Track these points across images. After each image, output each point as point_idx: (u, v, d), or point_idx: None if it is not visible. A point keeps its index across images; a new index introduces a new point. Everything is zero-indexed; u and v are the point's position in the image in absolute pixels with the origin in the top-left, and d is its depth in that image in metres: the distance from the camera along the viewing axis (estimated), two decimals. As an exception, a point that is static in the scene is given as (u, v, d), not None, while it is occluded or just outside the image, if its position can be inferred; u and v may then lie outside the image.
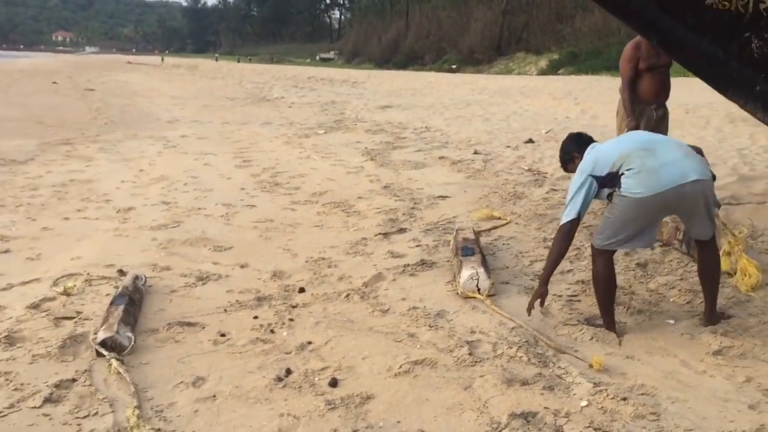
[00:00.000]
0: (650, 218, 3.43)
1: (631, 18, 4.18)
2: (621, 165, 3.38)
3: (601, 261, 3.61)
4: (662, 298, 4.06)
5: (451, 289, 4.32)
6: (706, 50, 4.05)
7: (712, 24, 3.85)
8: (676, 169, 3.30)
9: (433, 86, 24.59)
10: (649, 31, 4.19)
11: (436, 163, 9.03)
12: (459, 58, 43.12)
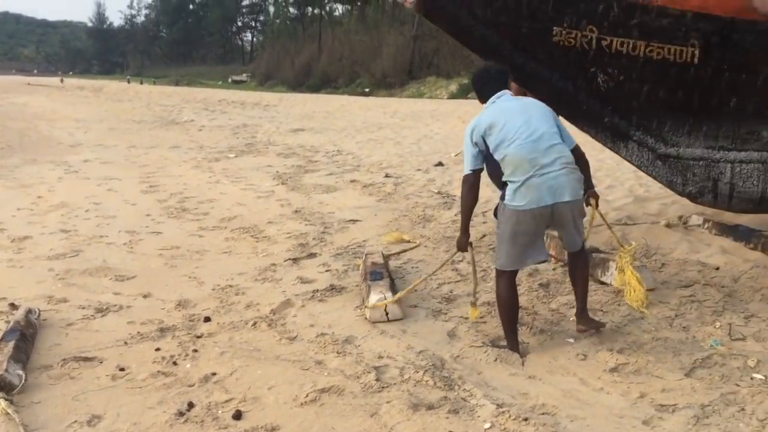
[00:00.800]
0: (532, 229, 3.59)
1: (488, 54, 4.39)
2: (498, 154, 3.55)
3: (503, 282, 3.71)
4: (563, 318, 4.18)
5: (359, 314, 4.32)
6: (556, 84, 4.32)
7: (560, 60, 4.10)
8: (554, 187, 3.47)
9: (346, 109, 24.73)
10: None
11: (348, 187, 9.06)
12: (372, 82, 43.58)
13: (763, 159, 4.56)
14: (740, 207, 4.82)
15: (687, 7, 4.08)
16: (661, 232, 5.94)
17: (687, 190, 4.69)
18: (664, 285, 4.70)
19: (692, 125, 4.52)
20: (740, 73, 4.31)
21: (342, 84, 47.44)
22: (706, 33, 4.15)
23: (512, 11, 4.15)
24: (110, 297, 4.64)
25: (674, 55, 4.20)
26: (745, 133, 4.52)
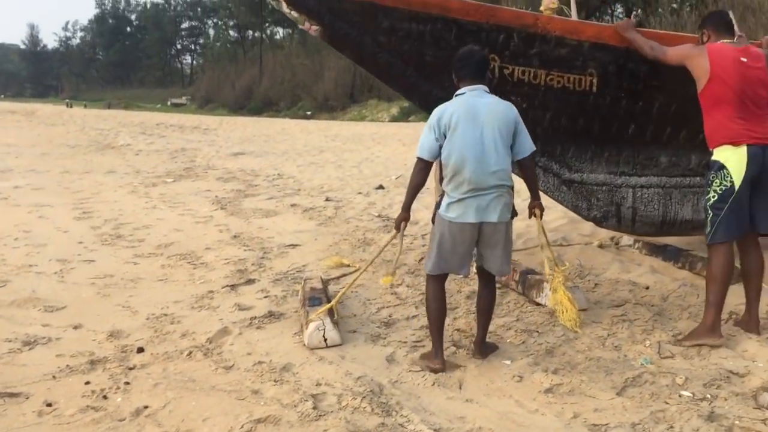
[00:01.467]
0: (458, 240, 3.69)
1: (394, 81, 4.46)
2: (445, 157, 3.63)
3: (430, 286, 3.85)
4: (500, 339, 4.23)
5: (298, 341, 4.28)
6: None
7: None
8: (483, 207, 3.62)
9: (287, 133, 24.67)
10: (412, 95, 4.50)
11: (288, 211, 9.01)
12: (314, 105, 43.68)
13: (663, 184, 4.77)
14: (643, 230, 5.03)
15: (584, 38, 4.20)
16: (594, 252, 6.09)
17: (592, 215, 4.83)
18: (597, 305, 4.82)
19: (594, 151, 4.68)
20: (637, 101, 4.48)
21: (284, 107, 47.37)
22: (603, 62, 4.30)
23: (416, 39, 4.18)
24: (38, 329, 4.48)
25: (574, 83, 4.33)
26: (645, 159, 4.72)
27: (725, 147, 3.84)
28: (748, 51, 3.95)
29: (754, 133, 3.81)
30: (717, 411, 3.19)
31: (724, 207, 3.83)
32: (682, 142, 4.66)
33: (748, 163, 3.77)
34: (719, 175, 3.84)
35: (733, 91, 3.82)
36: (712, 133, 3.93)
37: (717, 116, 3.88)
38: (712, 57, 3.86)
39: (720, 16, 4.20)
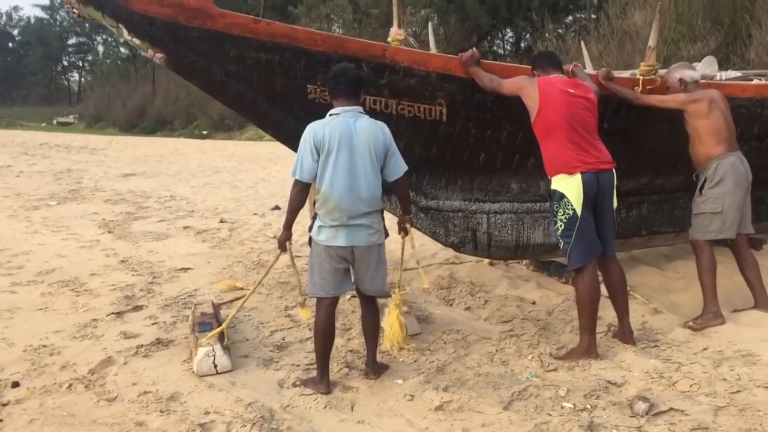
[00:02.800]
0: (333, 264, 3.74)
1: (246, 110, 4.43)
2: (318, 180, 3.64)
3: (320, 311, 3.82)
4: (392, 359, 4.26)
5: (187, 368, 4.16)
6: None
7: (317, 116, 4.05)
8: (352, 233, 3.69)
9: (181, 153, 24.06)
10: (265, 124, 4.48)
11: (180, 234, 8.76)
12: (209, 124, 42.70)
13: (515, 209, 4.93)
14: (499, 255, 5.17)
15: (431, 69, 4.27)
16: (484, 269, 6.26)
17: (450, 241, 4.91)
18: (487, 321, 4.96)
19: (448, 179, 4.77)
20: (486, 130, 4.58)
21: (178, 126, 46.11)
22: (451, 93, 4.37)
23: (265, 68, 4.13)
24: None
25: (424, 113, 4.39)
26: (497, 185, 4.86)
27: (561, 176, 4.02)
28: (577, 84, 4.16)
29: (587, 159, 4.00)
30: (596, 421, 3.34)
31: (573, 234, 4.01)
32: (530, 169, 4.79)
33: (584, 190, 3.96)
34: (561, 204, 4.02)
35: (563, 119, 3.98)
36: (549, 162, 4.09)
37: (551, 145, 4.05)
38: (542, 88, 4.03)
39: (547, 57, 4.50)
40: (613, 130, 4.62)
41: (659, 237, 5.73)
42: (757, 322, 4.48)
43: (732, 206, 4.51)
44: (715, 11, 16.94)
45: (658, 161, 5.28)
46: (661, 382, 3.71)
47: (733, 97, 5.03)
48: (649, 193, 5.49)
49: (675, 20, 17.05)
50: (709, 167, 4.55)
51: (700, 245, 4.60)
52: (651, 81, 4.74)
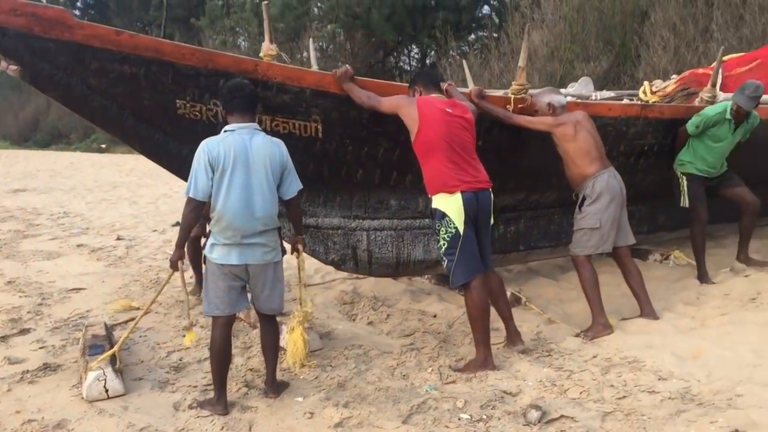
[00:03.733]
0: (228, 282, 3.67)
1: (111, 125, 4.24)
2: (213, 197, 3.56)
3: (216, 331, 3.74)
4: (293, 376, 4.21)
5: (76, 393, 3.97)
6: (188, 157, 4.11)
7: (188, 132, 4.04)
8: (247, 252, 3.64)
9: (77, 167, 23.09)
10: (132, 140, 4.31)
11: (73, 252, 8.39)
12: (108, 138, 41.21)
13: (395, 226, 4.97)
14: (380, 272, 5.16)
15: (305, 85, 4.23)
16: (387, 283, 6.29)
17: (330, 258, 4.89)
18: (389, 335, 4.99)
19: (327, 196, 4.75)
20: (363, 147, 4.58)
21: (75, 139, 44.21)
22: (326, 109, 4.34)
23: (130, 82, 3.96)
24: None
25: (299, 129, 4.35)
26: (376, 202, 4.88)
27: (442, 195, 4.07)
28: (455, 104, 4.23)
29: (466, 179, 4.08)
30: (492, 431, 3.41)
31: (456, 252, 4.08)
32: (408, 185, 4.82)
33: (464, 208, 4.05)
34: (443, 223, 4.08)
35: (443, 138, 4.03)
36: (429, 180, 4.14)
37: (431, 164, 4.10)
38: (421, 107, 4.07)
39: (428, 75, 4.57)
40: (488, 147, 4.68)
41: (536, 252, 5.88)
42: (642, 329, 4.70)
43: (608, 221, 4.68)
44: (607, 32, 17.78)
45: (533, 178, 5.42)
46: (554, 390, 3.83)
47: (600, 116, 5.23)
48: (526, 209, 5.63)
49: (570, 41, 17.82)
50: (586, 186, 4.70)
51: (581, 260, 4.76)
52: (522, 100, 4.86)
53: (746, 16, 15.15)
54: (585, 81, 6.80)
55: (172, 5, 30.06)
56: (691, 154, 5.66)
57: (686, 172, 5.69)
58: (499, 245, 5.49)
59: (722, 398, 3.56)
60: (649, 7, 17.22)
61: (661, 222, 6.49)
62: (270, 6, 4.47)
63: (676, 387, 3.75)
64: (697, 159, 5.63)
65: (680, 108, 5.99)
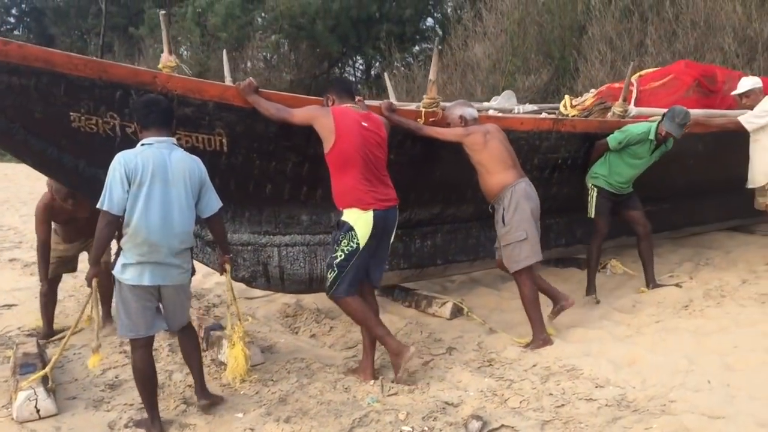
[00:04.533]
0: (141, 303, 3.56)
1: (1, 142, 4.06)
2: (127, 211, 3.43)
3: (136, 354, 3.64)
4: (234, 392, 4.15)
5: (6, 414, 3.83)
6: (84, 172, 4.11)
7: (83, 146, 3.91)
8: (161, 273, 3.53)
9: (10, 179, 22.30)
10: (23, 154, 4.13)
11: (5, 267, 8.09)
12: (45, 148, 40.12)
13: (307, 242, 4.87)
14: (293, 288, 5.03)
15: (207, 97, 4.11)
16: (331, 296, 6.26)
17: (240, 275, 4.74)
18: (332, 347, 4.96)
19: (235, 211, 4.62)
20: (270, 161, 4.46)
21: (10, 150, 42.88)
22: (230, 122, 4.23)
23: (20, 94, 3.76)
24: None
25: (203, 143, 4.22)
26: (286, 217, 4.78)
27: (355, 210, 4.04)
28: (369, 117, 4.19)
29: (379, 196, 4.08)
30: (433, 442, 3.42)
31: (348, 266, 4.06)
32: (319, 200, 4.73)
33: (373, 226, 4.03)
34: (348, 236, 4.04)
35: (358, 153, 4.00)
36: (341, 194, 4.09)
37: (345, 178, 4.05)
38: (338, 119, 4.01)
39: (343, 83, 4.51)
40: (400, 161, 4.66)
41: (454, 266, 5.84)
42: (581, 338, 4.80)
43: (533, 230, 4.68)
44: (547, 46, 18.20)
45: (448, 191, 5.37)
46: (494, 400, 3.87)
47: (513, 129, 5.24)
48: (442, 223, 5.59)
49: (511, 53, 18.17)
50: (504, 196, 4.67)
51: (522, 277, 4.71)
52: (433, 113, 4.84)
53: (679, 32, 15.70)
54: (508, 94, 6.85)
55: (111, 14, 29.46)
56: (607, 169, 5.70)
57: (597, 185, 5.74)
58: (415, 260, 5.49)
59: (656, 404, 3.65)
60: (586, 21, 17.68)
61: (579, 235, 6.52)
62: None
63: (612, 394, 3.83)
64: (612, 174, 5.69)
65: (593, 123, 6.08)
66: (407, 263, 5.46)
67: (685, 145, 5.99)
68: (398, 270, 5.40)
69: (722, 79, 7.25)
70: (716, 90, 7.17)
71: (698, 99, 6.96)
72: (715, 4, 15.31)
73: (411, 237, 5.42)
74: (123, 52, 25.78)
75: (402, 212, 4.82)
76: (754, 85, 6.19)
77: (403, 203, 4.43)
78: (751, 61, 14.48)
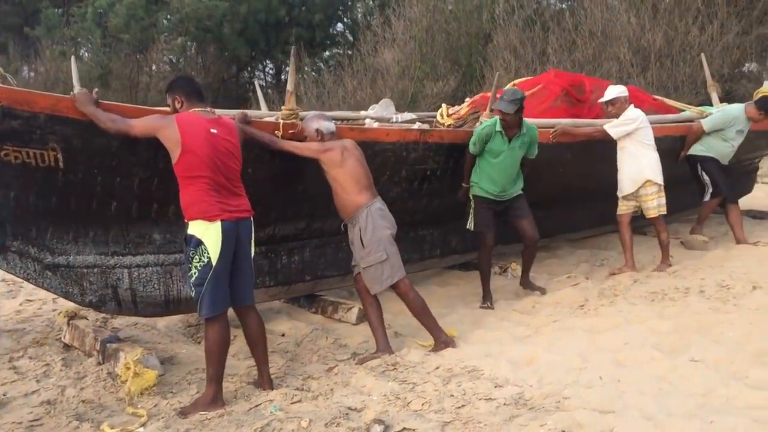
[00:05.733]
0: None
1: None
2: None
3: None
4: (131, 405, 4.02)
5: None
6: None
7: None
8: None
9: None
10: None
11: None
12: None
13: (161, 262, 4.64)
14: (149, 312, 4.80)
15: (38, 109, 3.83)
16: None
17: (87, 300, 4.48)
18: (234, 357, 4.87)
19: (77, 231, 4.34)
20: (114, 177, 4.23)
21: None
22: (66, 136, 3.95)
23: None
24: None
25: (35, 159, 3.92)
26: (136, 237, 4.52)
27: (200, 222, 3.80)
28: (220, 122, 3.97)
29: (228, 207, 3.88)
30: (335, 448, 3.41)
31: (205, 282, 3.82)
32: (173, 218, 4.47)
33: (223, 238, 3.82)
34: (198, 251, 3.80)
35: (206, 163, 3.79)
36: (187, 206, 3.85)
37: (192, 189, 3.81)
38: (183, 127, 3.78)
39: (190, 83, 4.16)
40: (260, 175, 4.56)
41: (324, 281, 5.68)
42: (482, 339, 4.91)
43: (392, 249, 4.62)
44: (454, 53, 18.62)
45: (313, 205, 5.18)
46: (397, 404, 3.89)
47: (379, 141, 5.18)
48: (310, 238, 5.42)
49: (420, 60, 18.46)
50: (359, 217, 4.57)
51: (399, 291, 4.74)
52: (292, 125, 4.72)
53: (578, 41, 16.35)
54: (385, 103, 6.78)
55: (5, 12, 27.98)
56: (479, 175, 5.73)
57: (474, 194, 5.77)
58: (282, 277, 5.30)
59: (551, 401, 3.76)
60: (491, 30, 18.18)
61: (454, 245, 6.52)
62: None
63: (510, 393, 3.93)
64: (483, 179, 5.70)
65: (459, 133, 6.07)
66: (273, 280, 5.26)
67: (553, 154, 6.15)
68: (264, 288, 5.18)
69: (590, 88, 7.38)
70: (584, 99, 7.28)
71: (566, 108, 7.08)
72: (611, 16, 16.06)
73: (277, 253, 5.23)
74: (18, 53, 24.55)
75: (265, 228, 4.77)
76: (619, 93, 6.35)
77: (264, 218, 4.36)
78: (644, 71, 15.26)
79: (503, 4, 17.59)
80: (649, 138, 6.29)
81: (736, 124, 7.08)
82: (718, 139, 7.12)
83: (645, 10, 15.13)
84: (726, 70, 14.33)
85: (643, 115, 6.33)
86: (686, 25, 14.59)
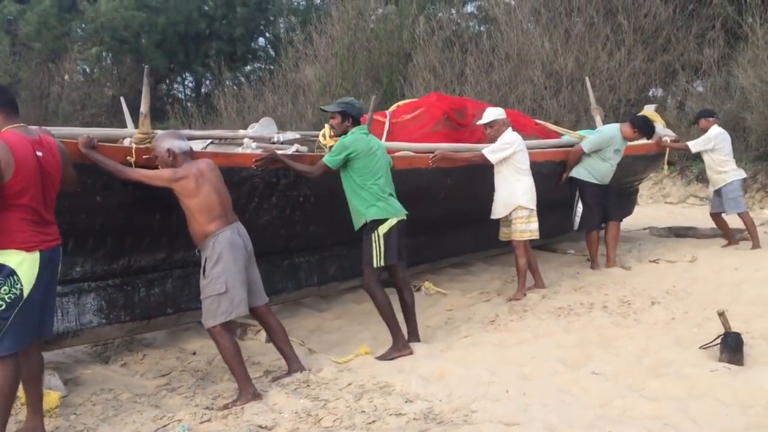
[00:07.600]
0: None
1: None
2: None
3: None
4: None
5: None
6: None
7: None
8: None
9: None
10: None
11: None
12: None
13: None
14: None
15: None
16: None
17: None
18: (143, 376, 4.77)
19: None
20: None
21: None
22: None
23: None
24: None
25: None
26: None
27: (16, 251, 3.43)
28: (42, 143, 3.58)
29: (46, 236, 3.57)
30: (243, 467, 3.38)
31: (11, 317, 3.41)
32: None
33: (40, 270, 3.50)
34: (8, 281, 3.40)
35: (30, 191, 3.44)
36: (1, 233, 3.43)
37: (9, 214, 3.40)
38: (14, 148, 3.39)
39: (7, 95, 3.72)
40: (110, 204, 4.35)
41: (190, 314, 5.18)
42: (395, 354, 4.97)
43: (236, 283, 4.28)
44: (375, 71, 18.81)
45: (169, 234, 4.83)
46: (308, 421, 3.89)
47: (246, 167, 4.95)
48: (172, 268, 5.06)
49: (341, 77, 18.56)
50: (207, 246, 4.28)
51: (217, 331, 4.28)
52: (146, 150, 4.43)
53: (495, 63, 16.82)
54: (267, 122, 6.44)
55: None
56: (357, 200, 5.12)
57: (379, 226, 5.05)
58: (140, 311, 4.89)
59: (459, 415, 3.84)
60: (412, 49, 18.48)
61: (332, 272, 6.23)
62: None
63: (420, 408, 3.98)
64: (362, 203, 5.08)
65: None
66: (130, 315, 4.83)
67: (433, 180, 6.15)
68: (119, 323, 4.76)
69: (472, 112, 7.23)
70: (466, 123, 7.15)
71: (447, 132, 6.91)
72: (526, 40, 16.61)
73: (134, 285, 4.85)
74: None
75: (119, 259, 4.62)
76: (497, 116, 6.39)
77: (118, 249, 4.27)
78: (557, 93, 15.84)
79: (423, 25, 17.95)
80: (525, 162, 6.31)
81: (613, 143, 7.23)
82: (597, 160, 7.25)
83: (558, 36, 15.74)
84: (633, 95, 15.03)
85: (520, 139, 6.36)
86: (596, 51, 15.25)
